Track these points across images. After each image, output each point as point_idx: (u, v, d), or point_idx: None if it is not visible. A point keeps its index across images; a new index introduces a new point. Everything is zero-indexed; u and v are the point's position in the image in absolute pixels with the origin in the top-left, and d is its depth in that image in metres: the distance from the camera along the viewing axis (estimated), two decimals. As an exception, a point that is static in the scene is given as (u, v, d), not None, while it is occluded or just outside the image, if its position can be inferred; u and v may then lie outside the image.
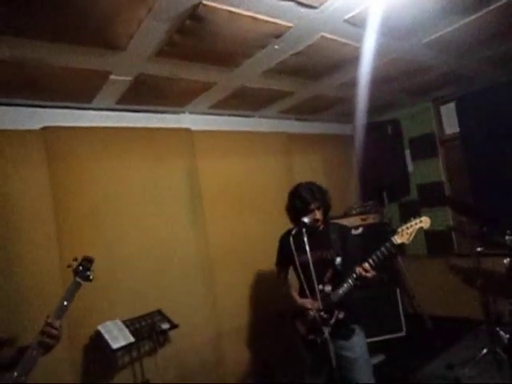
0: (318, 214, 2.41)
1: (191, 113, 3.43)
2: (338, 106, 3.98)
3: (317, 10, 2.01)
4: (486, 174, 3.96)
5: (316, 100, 3.63)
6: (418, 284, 4.40)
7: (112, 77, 2.43)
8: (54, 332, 1.61)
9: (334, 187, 4.21)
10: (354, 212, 3.92)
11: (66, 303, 1.70)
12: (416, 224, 2.30)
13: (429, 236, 4.49)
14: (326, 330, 2.31)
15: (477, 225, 3.19)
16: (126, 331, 2.61)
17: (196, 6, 1.79)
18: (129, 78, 2.50)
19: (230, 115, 3.70)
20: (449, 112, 4.37)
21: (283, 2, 1.88)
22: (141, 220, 3.03)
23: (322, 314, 2.33)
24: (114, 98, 2.80)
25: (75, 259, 1.85)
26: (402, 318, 3.73)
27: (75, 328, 2.59)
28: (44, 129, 2.68)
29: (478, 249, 3.13)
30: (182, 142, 3.36)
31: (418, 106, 4.50)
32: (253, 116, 3.89)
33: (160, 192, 3.18)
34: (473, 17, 2.38)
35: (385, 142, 4.26)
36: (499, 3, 2.25)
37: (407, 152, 4.68)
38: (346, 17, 2.13)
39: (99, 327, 2.59)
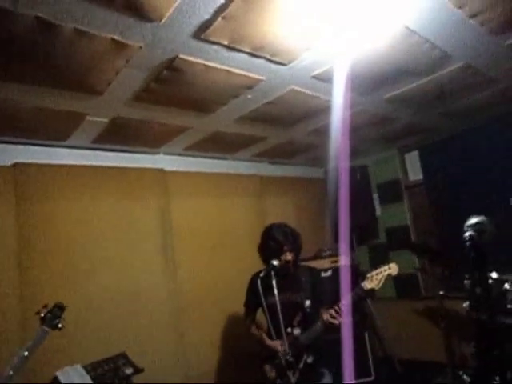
0: (290, 256, 2.45)
1: (166, 154, 3.50)
2: (310, 151, 4.15)
3: (286, 67, 2.18)
4: (448, 217, 4.16)
5: (288, 145, 3.79)
6: (387, 327, 4.43)
7: (88, 118, 2.49)
8: None
9: (305, 229, 4.30)
10: (324, 254, 3.98)
11: (27, 353, 1.62)
12: (385, 270, 2.38)
13: (397, 279, 4.58)
14: (294, 376, 2.30)
15: (439, 268, 3.32)
16: (87, 378, 2.49)
17: (173, 59, 1.91)
18: (105, 120, 2.56)
19: (204, 157, 3.80)
20: (413, 159, 4.63)
21: (255, 59, 2.03)
22: (111, 260, 2.99)
23: (290, 357, 2.32)
24: (90, 137, 2.84)
25: (45, 306, 1.78)
26: (371, 362, 3.72)
27: (32, 373, 2.45)
28: (14, 165, 2.67)
29: (441, 292, 3.23)
30: (155, 182, 3.39)
31: (384, 152, 4.75)
32: (226, 158, 4.00)
33: (132, 231, 3.16)
34: (429, 77, 2.62)
35: (354, 187, 4.43)
36: (451, 67, 2.50)
37: (375, 196, 4.87)
38: (314, 73, 2.31)
39: (57, 373, 2.46)
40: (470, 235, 0.95)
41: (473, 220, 0.97)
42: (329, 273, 3.69)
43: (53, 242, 2.74)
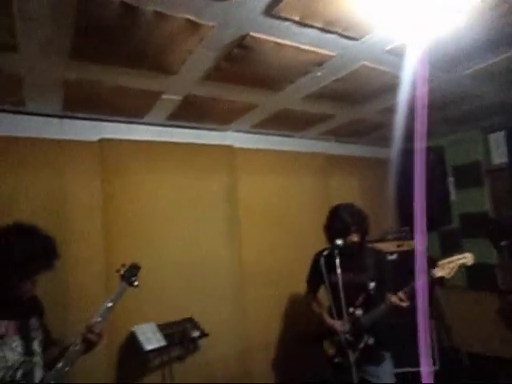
0: (356, 237, 2.43)
1: (234, 131, 3.60)
2: (379, 131, 3.99)
3: (358, 42, 2.10)
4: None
5: (356, 124, 3.68)
6: (457, 317, 4.22)
7: (164, 96, 2.64)
8: (99, 330, 1.76)
9: (370, 210, 4.19)
10: (389, 237, 3.86)
11: (111, 305, 1.84)
12: (459, 260, 2.28)
13: (470, 268, 4.30)
14: (353, 355, 2.32)
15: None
16: (159, 335, 2.75)
17: (244, 37, 1.94)
18: (179, 98, 2.69)
19: (271, 135, 3.83)
20: (498, 141, 4.23)
21: (326, 35, 1.98)
22: (180, 230, 3.20)
23: (350, 336, 2.34)
24: (165, 114, 3.01)
25: (123, 265, 1.99)
26: (436, 351, 3.60)
27: (113, 328, 2.76)
28: (100, 141, 2.94)
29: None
30: (224, 158, 3.52)
31: (464, 133, 4.40)
32: (293, 136, 3.99)
33: (200, 205, 3.34)
34: (519, 49, 2.36)
35: (426, 169, 4.19)
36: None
37: (450, 180, 4.56)
38: (387, 48, 2.20)
39: (134, 328, 2.75)
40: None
41: None
42: (394, 256, 3.58)
43: (131, 213, 3.00)
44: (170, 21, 1.74)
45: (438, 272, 2.23)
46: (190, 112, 2.97)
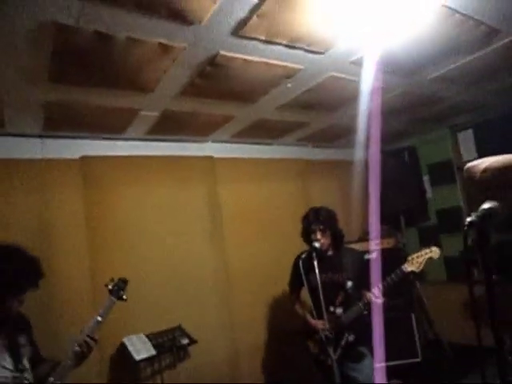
0: (320, 235, 2.54)
1: (214, 141, 3.70)
2: (353, 135, 4.13)
3: (324, 55, 2.23)
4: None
5: (331, 129, 3.82)
6: (438, 310, 4.38)
7: (142, 112, 2.73)
8: (92, 343, 1.83)
9: (350, 212, 4.35)
10: (368, 237, 4.00)
11: (100, 319, 1.91)
12: (426, 254, 2.41)
13: (448, 262, 4.49)
14: (336, 352, 2.43)
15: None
16: (149, 344, 2.81)
17: (215, 56, 2.05)
18: (156, 114, 2.79)
19: (250, 143, 3.94)
20: (466, 138, 4.43)
21: (292, 50, 2.10)
22: (165, 240, 3.28)
23: (330, 334, 2.45)
24: (144, 130, 3.10)
25: (111, 279, 2.06)
26: (418, 343, 3.74)
27: (102, 340, 2.81)
28: (82, 158, 3.01)
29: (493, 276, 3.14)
30: (204, 169, 3.62)
31: (435, 132, 4.58)
32: (272, 144, 4.11)
33: (183, 214, 3.43)
34: (475, 55, 2.52)
35: (402, 168, 4.36)
36: (501, 42, 2.39)
37: (426, 178, 4.74)
38: (351, 59, 2.33)
39: (124, 340, 2.81)
40: (471, 221, 1.00)
41: (485, 205, 1.01)
42: (371, 255, 3.72)
43: (115, 227, 3.07)
44: (143, 45, 1.84)
45: (408, 267, 2.36)
46: (169, 126, 3.07)
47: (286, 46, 2.03)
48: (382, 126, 3.64)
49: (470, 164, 1.25)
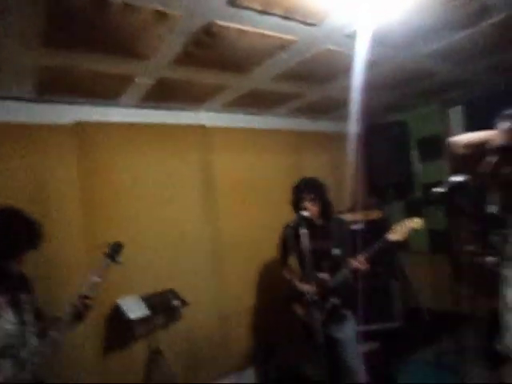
0: (309, 204, 2.63)
1: (207, 110, 3.71)
2: (347, 107, 4.17)
3: (318, 27, 2.24)
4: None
5: (325, 101, 3.85)
6: (420, 279, 4.59)
7: (137, 79, 2.73)
8: (90, 303, 1.94)
9: (341, 183, 4.45)
10: (357, 208, 4.13)
11: (96, 280, 2.01)
12: (409, 224, 2.52)
13: (431, 234, 4.67)
14: (321, 314, 2.59)
15: (471, 225, 3.38)
16: (143, 305, 2.95)
17: (210, 25, 2.06)
18: (151, 81, 2.79)
19: (243, 113, 3.96)
20: (456, 114, 4.49)
21: (287, 21, 2.12)
22: (158, 206, 3.36)
23: (316, 297, 2.60)
24: (138, 97, 3.10)
25: (107, 243, 2.15)
26: (398, 309, 3.96)
27: (99, 302, 2.92)
28: (77, 123, 3.02)
29: (471, 247, 3.31)
30: (197, 138, 3.66)
31: (426, 108, 4.64)
32: (265, 114, 4.13)
33: (176, 182, 3.49)
34: (469, 31, 2.55)
35: (391, 143, 4.44)
36: (493, 19, 2.42)
37: (414, 152, 4.83)
38: (346, 32, 2.35)
39: (119, 301, 2.94)
40: (439, 192, 1.09)
41: (453, 177, 1.10)
42: (360, 225, 3.86)
43: (108, 192, 3.13)
44: (139, 11, 1.84)
45: (392, 236, 2.47)
46: (163, 94, 3.07)
47: (281, 16, 2.04)
48: (375, 99, 3.70)
49: (452, 139, 1.31)
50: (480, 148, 1.17)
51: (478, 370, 3.06)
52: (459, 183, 1.03)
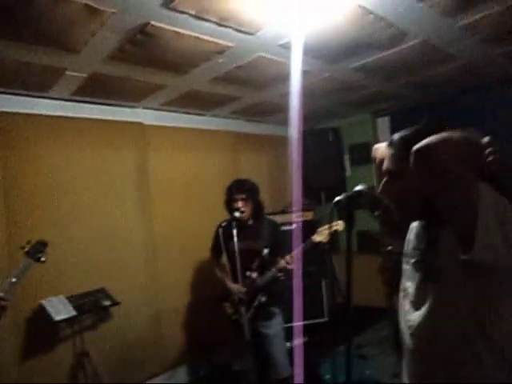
0: (241, 205, 2.73)
1: (145, 108, 3.66)
2: (283, 112, 4.34)
3: (253, 36, 2.33)
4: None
5: (262, 106, 3.97)
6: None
7: (67, 72, 2.63)
8: (4, 304, 1.84)
9: (276, 186, 4.60)
10: (290, 209, 4.30)
11: (14, 280, 1.92)
12: (332, 227, 2.70)
13: (360, 235, 5.01)
14: (249, 312, 2.69)
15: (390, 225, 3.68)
16: (69, 306, 2.85)
17: (145, 25, 2.06)
18: (83, 75, 2.71)
19: (182, 113, 3.96)
20: (383, 124, 4.86)
21: (222, 28, 2.18)
22: (89, 204, 3.26)
23: (246, 297, 2.70)
24: (70, 90, 2.98)
25: (28, 242, 2.05)
26: (325, 305, 4.20)
27: (20, 302, 2.79)
28: (-1, 114, 2.84)
29: (389, 247, 3.62)
30: (133, 135, 3.59)
31: (359, 116, 4.97)
32: (204, 115, 4.16)
33: (110, 179, 3.41)
34: (389, 51, 2.79)
35: (325, 147, 4.68)
36: (409, 43, 2.67)
37: (346, 157, 5.15)
38: (280, 42, 2.47)
39: (43, 301, 2.81)
40: (338, 200, 1.22)
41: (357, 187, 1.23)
42: (292, 226, 4.03)
43: (35, 187, 2.98)
44: (69, 4, 1.80)
45: (317, 238, 2.65)
46: (97, 89, 2.99)
47: (217, 23, 2.10)
48: (310, 106, 3.89)
49: (374, 146, 1.42)
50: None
51: (391, 359, 3.36)
52: (357, 192, 1.15)
